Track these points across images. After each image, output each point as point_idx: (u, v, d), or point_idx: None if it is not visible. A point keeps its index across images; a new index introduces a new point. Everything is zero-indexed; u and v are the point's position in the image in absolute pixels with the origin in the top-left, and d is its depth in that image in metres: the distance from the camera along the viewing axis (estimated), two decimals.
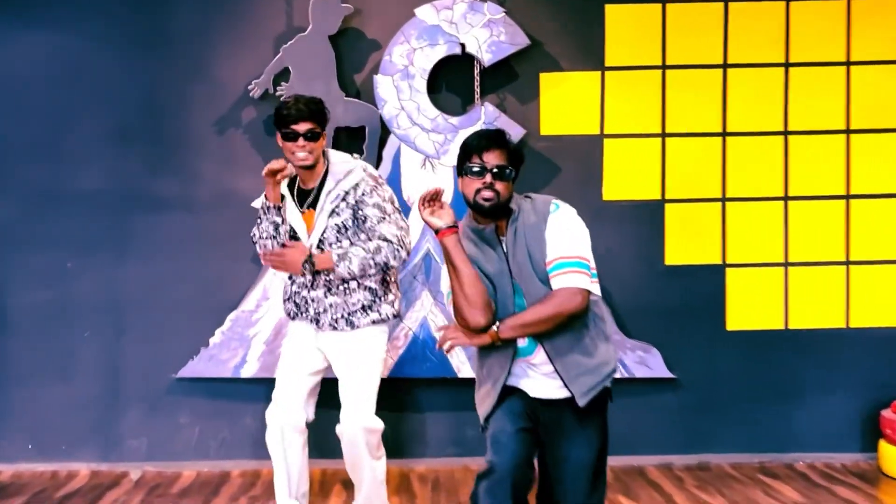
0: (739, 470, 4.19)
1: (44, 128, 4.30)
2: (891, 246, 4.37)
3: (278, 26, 4.27)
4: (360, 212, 3.22)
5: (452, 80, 4.27)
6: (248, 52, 4.27)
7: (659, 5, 4.29)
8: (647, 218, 4.34)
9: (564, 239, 2.47)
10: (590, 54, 4.32)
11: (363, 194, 3.24)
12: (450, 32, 4.16)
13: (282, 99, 3.59)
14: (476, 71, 4.22)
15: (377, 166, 4.20)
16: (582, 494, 2.43)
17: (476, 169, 2.50)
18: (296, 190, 3.32)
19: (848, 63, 4.34)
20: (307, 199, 3.30)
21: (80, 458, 4.26)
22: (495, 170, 2.49)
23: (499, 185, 2.49)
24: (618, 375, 4.07)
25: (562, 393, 2.44)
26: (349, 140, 4.20)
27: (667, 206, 4.35)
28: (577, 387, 2.39)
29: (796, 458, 4.30)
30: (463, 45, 4.18)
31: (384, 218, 3.22)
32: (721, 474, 4.14)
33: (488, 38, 4.15)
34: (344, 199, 3.23)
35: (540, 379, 2.46)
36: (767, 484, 3.97)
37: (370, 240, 3.21)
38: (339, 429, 3.25)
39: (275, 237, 3.19)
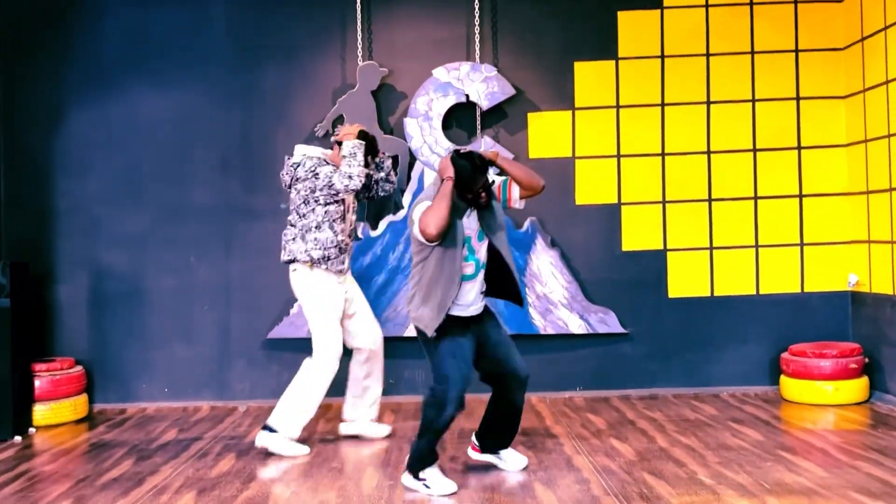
0: (679, 398, 6.36)
1: (168, 159, 6.61)
2: (787, 234, 6.56)
3: (335, 84, 6.57)
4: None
5: (460, 120, 6.50)
6: (314, 103, 6.54)
7: (613, 61, 6.60)
8: (607, 216, 6.55)
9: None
10: (564, 98, 6.59)
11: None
12: (457, 87, 6.41)
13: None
14: (477, 113, 6.45)
15: (406, 184, 6.42)
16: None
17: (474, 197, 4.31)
18: None
19: (753, 100, 6.58)
20: None
21: (202, 398, 6.59)
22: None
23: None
24: (583, 332, 6.40)
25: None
26: None
27: (622, 207, 6.58)
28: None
29: (721, 390, 6.52)
30: (467, 96, 6.39)
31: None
32: (664, 401, 6.28)
33: (485, 89, 6.42)
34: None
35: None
36: (695, 405, 6.13)
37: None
38: (364, 344, 5.25)
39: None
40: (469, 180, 4.24)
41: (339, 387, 5.40)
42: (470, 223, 4.36)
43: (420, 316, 4.29)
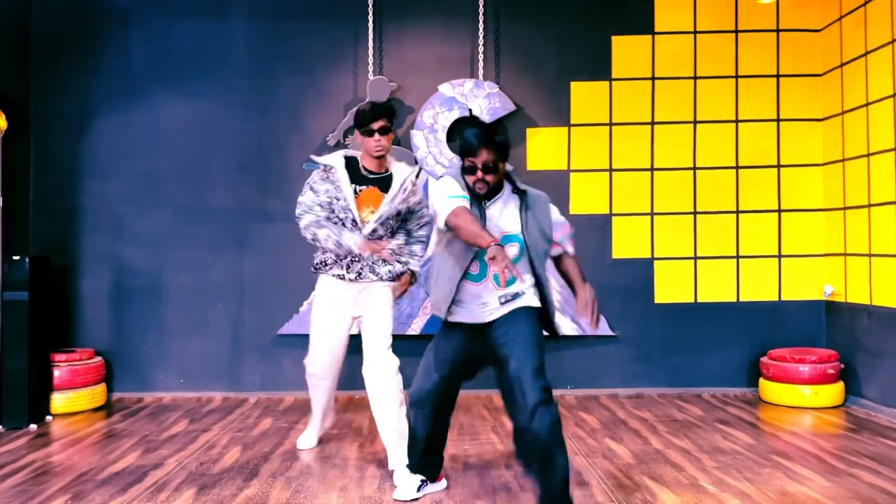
0: (663, 398, 5.66)
1: (188, 164, 5.85)
2: (766, 245, 5.87)
3: (347, 97, 5.84)
4: (409, 201, 3.83)
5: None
6: (327, 114, 5.81)
7: (607, 82, 5.90)
8: (599, 226, 5.86)
9: (564, 226, 3.31)
10: (560, 115, 5.90)
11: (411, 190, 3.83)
12: (461, 102, 5.73)
13: (358, 107, 3.90)
14: None
15: None
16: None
17: (470, 167, 3.02)
18: (359, 170, 3.74)
19: (736, 121, 5.89)
20: (367, 180, 3.74)
21: (215, 389, 5.82)
22: (486, 167, 3.00)
23: (489, 178, 3.04)
24: (575, 334, 5.67)
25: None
26: None
27: (613, 218, 5.88)
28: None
29: (703, 391, 5.82)
30: (470, 110, 5.72)
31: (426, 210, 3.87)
32: (651, 400, 5.59)
33: (487, 105, 5.73)
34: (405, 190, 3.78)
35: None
36: (680, 405, 5.44)
37: (420, 228, 3.93)
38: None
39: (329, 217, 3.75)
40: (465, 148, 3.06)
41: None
42: (495, 218, 3.15)
43: (433, 302, 3.29)
